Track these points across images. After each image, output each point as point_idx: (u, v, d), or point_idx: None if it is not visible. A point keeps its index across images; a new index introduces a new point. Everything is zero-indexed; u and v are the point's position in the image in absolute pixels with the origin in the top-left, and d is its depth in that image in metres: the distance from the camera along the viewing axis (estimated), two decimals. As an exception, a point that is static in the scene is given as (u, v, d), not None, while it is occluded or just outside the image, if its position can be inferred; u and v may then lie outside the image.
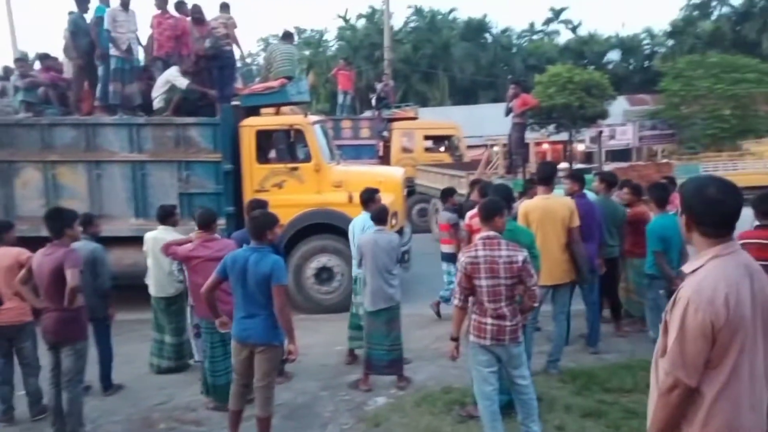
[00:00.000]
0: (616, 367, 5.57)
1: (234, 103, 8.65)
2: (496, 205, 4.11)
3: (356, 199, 7.95)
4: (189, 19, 8.95)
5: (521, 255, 3.90)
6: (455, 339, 4.08)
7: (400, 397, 5.27)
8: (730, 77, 21.70)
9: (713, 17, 37.78)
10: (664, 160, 20.86)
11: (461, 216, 6.56)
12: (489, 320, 3.92)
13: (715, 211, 2.10)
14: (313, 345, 6.57)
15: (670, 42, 39.26)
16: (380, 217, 5.45)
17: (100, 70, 8.64)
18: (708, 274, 2.02)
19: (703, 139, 21.50)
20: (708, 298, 1.96)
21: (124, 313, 6.59)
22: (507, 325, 3.92)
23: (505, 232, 4.12)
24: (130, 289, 6.69)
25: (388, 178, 8.67)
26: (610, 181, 6.72)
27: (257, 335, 4.21)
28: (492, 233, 3.98)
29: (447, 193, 7.62)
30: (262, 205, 5.59)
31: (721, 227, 2.10)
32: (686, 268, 2.14)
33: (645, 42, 41.88)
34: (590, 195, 6.35)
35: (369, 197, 6.03)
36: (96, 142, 8.28)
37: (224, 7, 9.30)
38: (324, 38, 42.88)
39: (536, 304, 4.06)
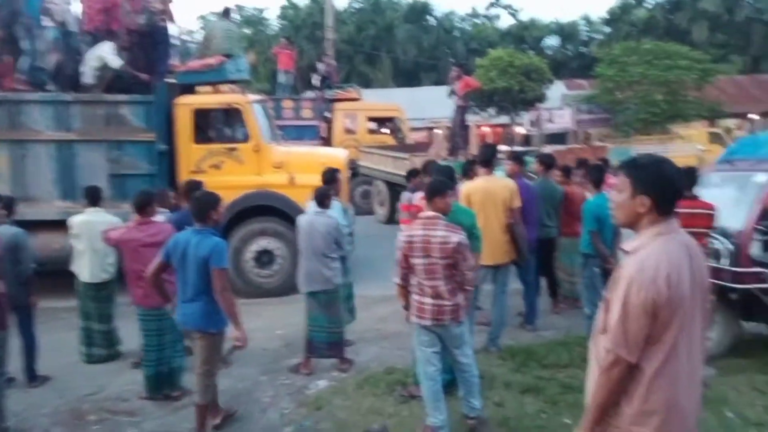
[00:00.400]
0: (553, 344, 5.71)
1: (169, 80, 8.31)
2: (439, 185, 4.08)
3: (298, 180, 7.89)
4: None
5: (456, 237, 3.87)
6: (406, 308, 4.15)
7: (342, 380, 5.23)
8: (662, 64, 22.42)
9: (647, 5, 39.10)
10: (600, 143, 21.53)
11: None
12: (428, 300, 3.92)
13: (672, 189, 2.13)
14: (254, 329, 6.37)
15: (607, 29, 40.41)
16: (321, 199, 5.35)
17: (26, 44, 8.10)
18: (650, 253, 2.04)
19: (636, 123, 22.21)
20: (650, 277, 1.98)
21: (49, 300, 6.28)
22: (446, 304, 3.91)
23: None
24: (55, 275, 6.35)
25: (330, 160, 8.54)
26: (548, 163, 6.85)
27: (193, 321, 4.11)
28: (432, 213, 3.96)
29: (411, 174, 7.59)
30: (197, 186, 5.40)
31: (672, 205, 2.12)
32: (627, 246, 2.15)
33: (583, 29, 42.96)
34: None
35: (331, 177, 5.92)
36: (19, 120, 7.79)
37: (159, -18, 8.87)
38: (265, 17, 41.87)
39: (469, 288, 4.05)
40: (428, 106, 23.54)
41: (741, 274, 5.01)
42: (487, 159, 5.51)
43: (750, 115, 28.03)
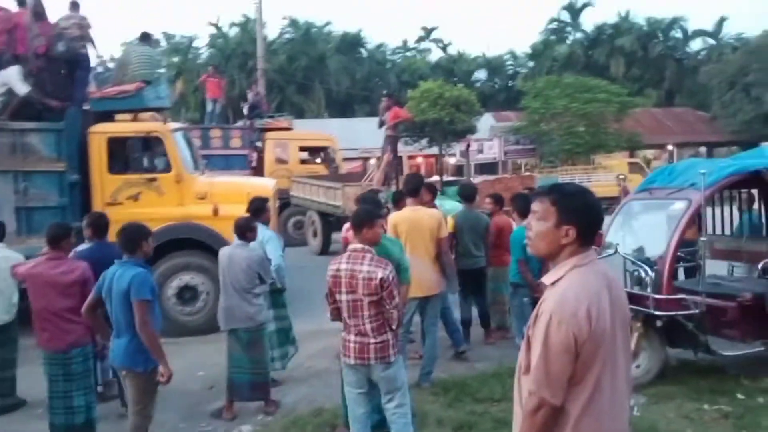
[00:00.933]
0: (485, 376, 5.60)
1: (84, 107, 7.87)
2: (366, 214, 3.92)
3: (223, 211, 7.55)
4: (26, 13, 8.01)
5: (383, 272, 3.62)
6: None
7: (268, 424, 4.93)
8: (583, 97, 23.52)
9: (568, 42, 41.10)
10: (527, 173, 22.15)
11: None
12: (352, 337, 3.71)
13: (597, 219, 2.05)
14: (174, 371, 6.02)
15: (531, 63, 42.14)
16: (241, 230, 5.09)
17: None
18: (569, 285, 1.93)
19: (561, 153, 23.07)
20: (571, 311, 1.87)
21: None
22: (371, 342, 3.69)
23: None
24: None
25: (257, 189, 8.25)
26: (469, 194, 6.85)
27: (119, 359, 3.93)
28: (359, 246, 3.78)
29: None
30: (101, 218, 5.12)
31: (594, 236, 2.04)
32: (546, 279, 2.03)
33: (509, 63, 44.64)
34: (453, 205, 6.43)
35: (258, 207, 5.68)
36: None
37: (74, 6, 8.49)
38: (194, 45, 41.17)
39: (395, 326, 3.78)
40: (362, 136, 23.60)
41: (664, 300, 5.08)
42: (414, 189, 5.43)
43: (667, 146, 29.68)
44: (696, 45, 40.05)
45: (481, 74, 44.25)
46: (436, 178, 23.06)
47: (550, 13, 43.30)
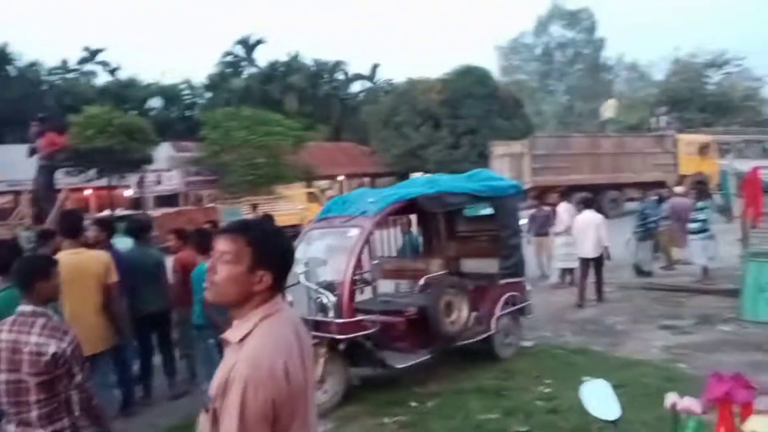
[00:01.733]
0: (170, 433, 5.05)
1: None
2: (35, 264, 3.09)
3: None
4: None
5: (57, 345, 2.81)
6: None
7: None
8: (261, 129, 24.21)
9: (244, 75, 42.09)
10: (210, 204, 21.70)
11: None
12: (12, 428, 2.85)
13: (291, 263, 1.83)
14: None
15: (209, 94, 41.91)
16: None
17: None
18: (262, 342, 1.68)
19: (242, 184, 23.26)
20: (268, 372, 1.62)
21: None
22: None
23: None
24: None
25: None
26: (139, 228, 6.22)
27: None
28: (29, 308, 2.91)
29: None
30: None
31: (285, 280, 1.82)
32: (232, 336, 1.74)
33: (186, 92, 43.60)
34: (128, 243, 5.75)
35: None
36: None
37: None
38: None
39: (78, 411, 2.97)
40: (16, 166, 20.02)
41: (345, 324, 5.29)
42: (71, 228, 4.62)
43: (338, 177, 32.45)
44: (356, 87, 45.19)
45: (156, 102, 42.24)
46: (107, 212, 20.96)
47: (225, 45, 43.69)
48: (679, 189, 12.63)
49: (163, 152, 25.88)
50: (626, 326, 7.77)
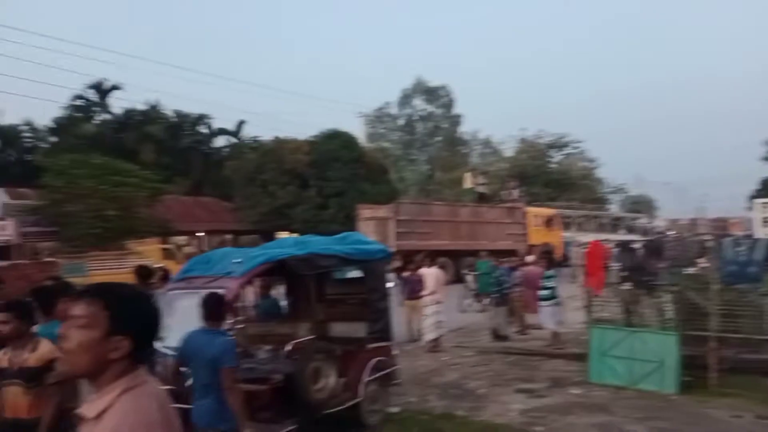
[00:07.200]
0: None
1: None
2: None
3: None
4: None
5: None
6: None
7: None
8: (113, 179, 22.63)
9: (95, 121, 39.50)
10: (50, 259, 19.61)
11: None
12: None
13: (155, 329, 1.66)
14: None
15: (54, 138, 38.68)
16: None
17: None
18: (121, 417, 1.49)
19: (88, 237, 21.40)
20: None
21: None
22: None
23: None
24: None
25: None
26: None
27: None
28: None
29: None
30: None
31: (149, 349, 1.65)
32: (88, 411, 1.53)
33: (26, 134, 39.92)
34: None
35: None
36: None
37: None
38: None
39: None
40: None
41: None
42: None
43: (197, 233, 30.99)
44: (220, 141, 44.19)
45: (-10, 143, 38.16)
46: None
47: (74, 87, 40.86)
48: (529, 258, 13.52)
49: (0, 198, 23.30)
50: (486, 390, 7.98)
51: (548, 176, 45.35)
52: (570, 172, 46.64)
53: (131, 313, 1.61)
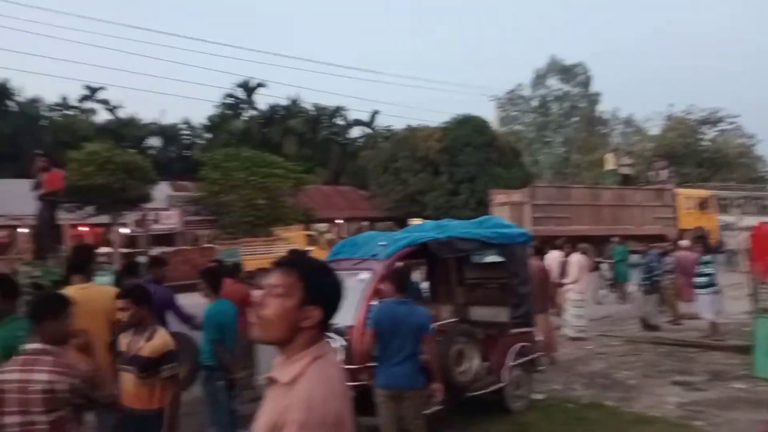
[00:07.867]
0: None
1: None
2: (46, 303, 2.98)
3: None
4: None
5: (64, 383, 2.74)
6: None
7: None
8: (261, 171, 24.24)
9: (243, 118, 42.49)
10: (208, 245, 21.51)
11: None
12: None
13: (340, 302, 1.74)
14: None
15: (208, 135, 42.17)
16: None
17: None
18: (315, 385, 1.59)
19: (241, 225, 23.14)
20: (321, 417, 1.53)
21: None
22: None
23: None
24: None
25: None
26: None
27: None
28: (39, 346, 2.82)
29: None
30: None
31: (332, 318, 1.73)
32: (281, 375, 1.65)
33: (184, 132, 43.87)
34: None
35: None
36: None
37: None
38: None
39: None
40: (10, 200, 19.89)
41: (356, 370, 5.10)
42: (81, 264, 4.52)
43: (336, 220, 32.39)
44: (355, 132, 45.64)
45: (154, 141, 42.43)
46: (106, 249, 20.76)
47: (224, 87, 44.08)
48: (683, 243, 12.57)
49: (162, 191, 25.83)
50: (637, 381, 7.59)
51: (700, 155, 41.58)
52: (725, 150, 42.43)
53: (323, 285, 1.70)
